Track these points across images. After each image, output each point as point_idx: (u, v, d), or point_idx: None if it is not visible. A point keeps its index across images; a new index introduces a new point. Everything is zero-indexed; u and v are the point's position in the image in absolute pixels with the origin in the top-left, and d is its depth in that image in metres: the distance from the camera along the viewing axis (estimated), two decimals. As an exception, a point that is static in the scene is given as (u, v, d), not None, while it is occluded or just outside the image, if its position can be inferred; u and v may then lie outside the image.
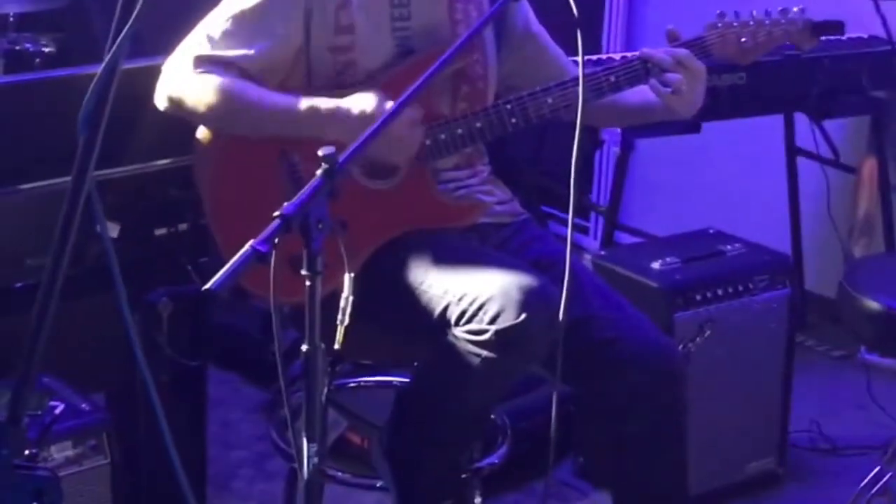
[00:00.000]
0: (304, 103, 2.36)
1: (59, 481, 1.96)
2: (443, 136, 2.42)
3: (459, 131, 2.42)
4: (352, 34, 2.42)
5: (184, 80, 2.39)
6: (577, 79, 2.25)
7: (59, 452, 2.38)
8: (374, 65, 2.44)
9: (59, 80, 2.63)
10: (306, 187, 1.71)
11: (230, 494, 3.15)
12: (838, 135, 3.95)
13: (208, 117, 2.40)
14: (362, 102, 2.34)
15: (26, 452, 1.91)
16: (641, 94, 2.50)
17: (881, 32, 3.71)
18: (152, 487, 2.71)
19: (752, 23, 2.48)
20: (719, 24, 2.48)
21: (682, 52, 2.43)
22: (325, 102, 2.36)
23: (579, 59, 2.13)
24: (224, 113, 2.37)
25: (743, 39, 2.47)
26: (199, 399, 2.87)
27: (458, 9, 2.51)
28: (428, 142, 2.41)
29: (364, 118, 2.29)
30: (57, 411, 2.41)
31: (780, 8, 2.49)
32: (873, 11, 3.56)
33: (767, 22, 2.48)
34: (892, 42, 3.69)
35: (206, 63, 2.38)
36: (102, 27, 1.88)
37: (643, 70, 2.44)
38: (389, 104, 2.31)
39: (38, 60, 3.41)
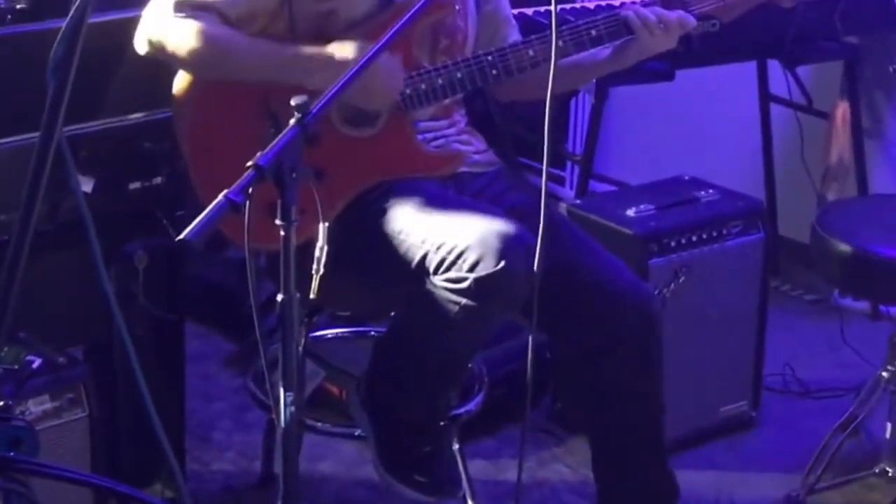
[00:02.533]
0: (287, 49, 2.36)
1: (36, 431, 1.96)
2: (423, 87, 2.42)
3: (440, 81, 2.42)
4: (334, -19, 2.41)
5: (164, 24, 2.37)
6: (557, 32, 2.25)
7: (37, 406, 2.39)
8: (355, 13, 2.43)
9: (30, 34, 2.61)
10: (280, 136, 1.71)
11: (209, 446, 3.17)
12: (811, 81, 3.97)
13: (189, 62, 2.39)
14: (344, 50, 2.34)
15: (1, 403, 1.92)
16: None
17: (853, -22, 3.72)
18: (131, 440, 2.72)
19: None
20: None
21: (671, 15, 2.44)
22: (307, 49, 2.35)
23: (552, 7, 2.13)
24: (205, 57, 2.36)
25: None
26: (177, 352, 2.87)
27: None
28: (408, 91, 2.41)
29: (346, 65, 2.29)
30: (34, 365, 2.42)
31: None
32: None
33: None
34: (864, -14, 3.71)
35: (186, 7, 2.36)
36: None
37: (625, 25, 2.45)
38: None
39: (10, 17, 3.38)
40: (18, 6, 3.32)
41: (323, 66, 2.32)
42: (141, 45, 2.42)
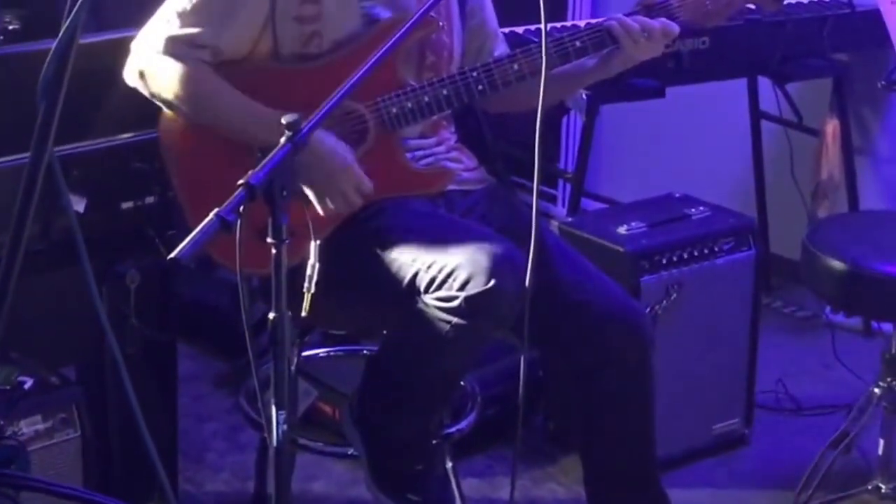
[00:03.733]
0: (269, 113, 2.32)
1: (27, 451, 1.96)
2: (409, 105, 2.42)
3: (426, 99, 2.43)
4: (317, 4, 2.41)
5: (152, 62, 2.38)
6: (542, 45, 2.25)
7: (29, 426, 2.39)
8: (339, 35, 2.43)
9: (22, 55, 2.62)
10: (270, 155, 1.71)
11: (202, 467, 3.16)
12: (801, 98, 3.98)
13: (172, 105, 2.40)
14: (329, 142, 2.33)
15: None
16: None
17: (841, -5, 3.74)
18: (124, 460, 2.72)
19: None
20: None
21: (654, 24, 2.44)
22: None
23: (542, 25, 2.14)
24: (187, 104, 2.38)
25: (708, 4, 2.49)
26: (170, 372, 2.87)
27: None
28: (394, 110, 2.42)
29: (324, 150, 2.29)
30: (26, 386, 2.42)
31: None
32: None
33: None
34: (851, 4, 3.72)
35: (175, 44, 2.37)
36: (66, 3, 1.87)
37: (609, 34, 2.45)
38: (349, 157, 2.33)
39: (1, 38, 3.39)
40: (10, 27, 3.33)
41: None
42: (131, 77, 2.42)
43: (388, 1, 2.46)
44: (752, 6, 2.61)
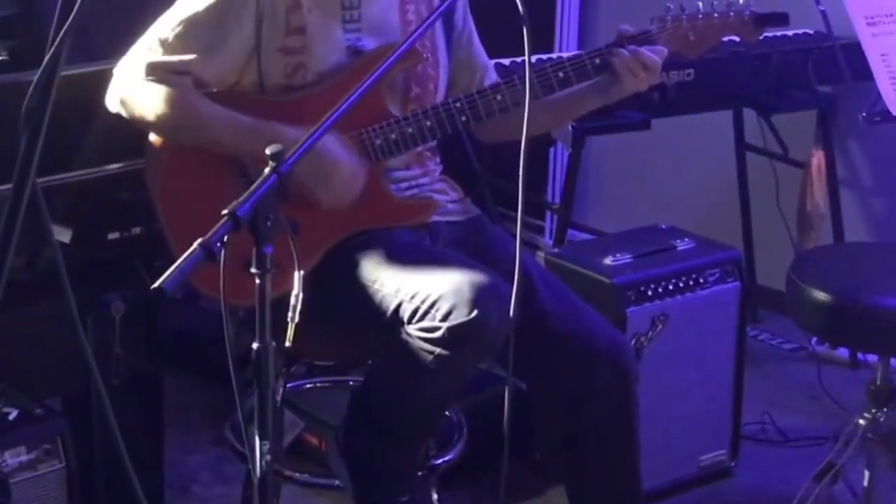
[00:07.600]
0: (259, 123, 2.35)
1: (8, 481, 1.96)
2: (393, 136, 2.43)
3: (410, 130, 2.44)
4: (302, 35, 2.43)
5: (135, 87, 2.39)
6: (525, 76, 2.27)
7: (14, 457, 2.38)
8: (324, 66, 2.44)
9: (9, 85, 2.62)
10: (254, 185, 1.72)
11: (189, 498, 3.15)
12: (786, 130, 4.00)
13: (157, 127, 2.40)
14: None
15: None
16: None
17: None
18: (109, 492, 2.71)
19: (700, 16, 2.50)
20: (668, 18, 2.49)
21: (650, 56, 2.45)
22: (277, 125, 2.35)
23: (526, 57, 2.15)
24: (172, 124, 2.38)
25: (690, 35, 2.50)
26: (156, 403, 2.86)
27: (410, 10, 2.53)
28: (378, 141, 2.43)
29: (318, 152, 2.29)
30: (11, 417, 2.41)
31: (726, 1, 2.51)
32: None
33: (716, 15, 2.50)
34: (834, 37, 3.74)
35: (157, 70, 2.38)
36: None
37: (592, 65, 2.46)
38: (342, 155, 2.34)
39: (-11, 69, 3.40)
40: (-1, 57, 3.33)
41: (293, 143, 2.32)
42: (112, 105, 2.43)
43: (373, 33, 2.48)
44: (736, 38, 2.62)
